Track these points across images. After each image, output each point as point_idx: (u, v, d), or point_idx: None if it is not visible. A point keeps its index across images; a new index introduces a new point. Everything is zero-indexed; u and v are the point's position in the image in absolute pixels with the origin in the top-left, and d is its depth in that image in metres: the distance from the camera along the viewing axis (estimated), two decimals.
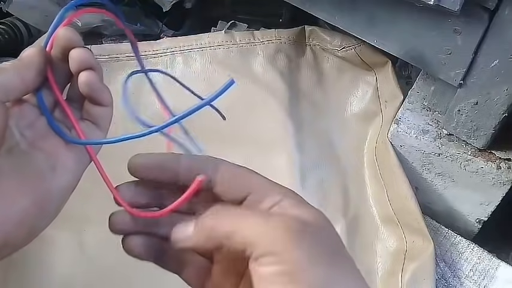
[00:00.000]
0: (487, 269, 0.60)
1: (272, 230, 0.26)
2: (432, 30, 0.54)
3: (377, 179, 0.69)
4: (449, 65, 0.55)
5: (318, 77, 0.77)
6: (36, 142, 0.31)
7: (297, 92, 0.75)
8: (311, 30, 0.77)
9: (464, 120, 0.58)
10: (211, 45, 0.75)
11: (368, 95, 0.75)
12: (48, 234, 0.61)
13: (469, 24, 0.51)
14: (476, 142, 0.59)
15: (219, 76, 0.74)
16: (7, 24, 0.82)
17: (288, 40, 0.77)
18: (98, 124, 0.34)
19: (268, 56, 0.75)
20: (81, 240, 0.61)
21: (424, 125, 0.64)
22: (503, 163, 0.59)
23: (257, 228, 0.27)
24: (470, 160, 0.61)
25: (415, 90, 0.67)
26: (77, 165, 0.34)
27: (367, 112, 0.74)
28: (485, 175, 0.61)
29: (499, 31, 0.49)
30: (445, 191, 0.67)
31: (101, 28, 0.86)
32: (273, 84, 0.73)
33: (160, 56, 0.75)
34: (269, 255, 0.26)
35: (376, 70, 0.75)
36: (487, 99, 0.55)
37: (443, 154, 0.63)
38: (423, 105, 0.65)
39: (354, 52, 0.74)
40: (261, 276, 0.26)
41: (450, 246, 0.63)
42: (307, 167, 0.67)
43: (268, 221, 0.27)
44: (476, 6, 0.49)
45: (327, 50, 0.76)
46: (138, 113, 0.32)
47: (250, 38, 0.76)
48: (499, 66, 0.51)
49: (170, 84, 0.75)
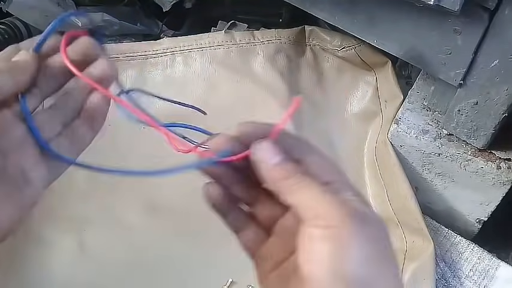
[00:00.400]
0: (487, 269, 0.60)
1: (339, 206, 0.28)
2: (432, 30, 0.54)
3: (377, 179, 0.69)
4: (449, 65, 0.55)
5: (318, 77, 0.77)
6: (9, 152, 0.31)
7: (297, 92, 0.74)
8: (311, 30, 0.77)
9: (464, 120, 0.58)
10: (211, 45, 0.75)
11: (368, 95, 0.75)
12: (48, 236, 0.61)
13: (469, 24, 0.51)
14: (476, 142, 0.59)
15: (218, 76, 0.74)
16: (7, 24, 0.82)
17: (288, 40, 0.77)
18: (92, 125, 0.35)
19: (268, 56, 0.75)
20: (81, 240, 0.61)
21: (424, 125, 0.64)
22: (503, 163, 0.59)
23: (323, 200, 0.28)
24: (470, 160, 0.61)
25: (415, 90, 0.67)
26: (50, 176, 0.34)
27: (367, 112, 0.74)
28: (485, 175, 0.61)
29: (499, 31, 0.49)
30: (445, 191, 0.67)
31: (101, 28, 0.86)
32: (273, 84, 0.73)
33: (160, 56, 0.75)
34: (326, 226, 0.27)
35: (376, 70, 0.75)
36: (487, 99, 0.55)
37: (443, 154, 0.63)
38: (423, 105, 0.65)
39: (353, 52, 0.74)
40: (308, 233, 0.27)
41: (450, 246, 0.63)
42: None
43: (337, 198, 0.28)
44: (476, 6, 0.49)
45: (327, 50, 0.76)
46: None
47: (250, 38, 0.76)
48: (499, 66, 0.51)
49: (170, 84, 0.75)
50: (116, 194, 0.64)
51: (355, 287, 0.26)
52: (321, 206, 0.28)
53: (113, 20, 0.85)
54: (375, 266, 0.27)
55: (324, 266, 0.26)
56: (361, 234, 0.27)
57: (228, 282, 0.59)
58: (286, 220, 0.33)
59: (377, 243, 0.28)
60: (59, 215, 0.63)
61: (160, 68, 0.75)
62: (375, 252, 0.27)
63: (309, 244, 0.27)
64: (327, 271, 0.26)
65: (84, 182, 0.66)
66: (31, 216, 0.62)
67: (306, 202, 0.28)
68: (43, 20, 0.82)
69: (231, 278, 0.59)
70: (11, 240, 0.60)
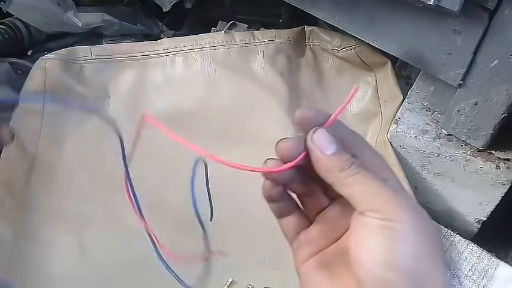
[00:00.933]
0: (487, 268, 0.60)
1: (398, 201, 0.28)
2: (432, 30, 0.54)
3: None
4: (449, 65, 0.55)
5: (317, 77, 0.77)
6: None
7: (297, 92, 0.75)
8: (311, 30, 0.77)
9: (464, 120, 0.58)
10: (211, 45, 0.75)
11: (368, 95, 0.75)
12: (48, 236, 0.61)
13: (468, 24, 0.51)
14: (475, 142, 0.59)
15: (219, 76, 0.74)
16: (7, 24, 0.82)
17: (288, 40, 0.77)
18: None
19: (268, 56, 0.75)
20: (81, 240, 0.61)
21: (423, 125, 0.65)
22: (502, 163, 0.59)
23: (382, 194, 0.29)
24: (469, 160, 0.61)
25: (415, 91, 0.67)
26: None
27: (366, 112, 0.74)
28: (484, 175, 0.61)
29: (498, 31, 0.49)
30: (445, 191, 0.67)
31: (101, 28, 0.86)
32: (273, 84, 0.73)
33: (160, 56, 0.75)
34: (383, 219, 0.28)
35: (375, 70, 0.75)
36: (487, 100, 0.55)
37: (443, 154, 0.63)
38: (423, 106, 0.65)
39: (353, 52, 0.74)
40: (364, 223, 0.28)
41: (449, 246, 0.63)
42: None
43: (395, 193, 0.29)
44: (476, 6, 0.49)
45: (327, 50, 0.76)
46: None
47: (250, 38, 0.76)
48: (499, 66, 0.51)
49: (170, 84, 0.75)
50: (116, 194, 0.64)
51: (406, 280, 0.27)
52: (380, 199, 0.28)
53: (113, 20, 0.85)
54: (426, 261, 0.28)
55: (377, 256, 0.27)
56: (416, 230, 0.28)
57: (228, 282, 0.59)
58: (330, 210, 0.34)
59: (429, 241, 0.28)
60: (59, 215, 0.63)
61: (160, 68, 0.75)
62: (427, 248, 0.28)
63: (363, 233, 0.28)
64: (380, 262, 0.27)
65: (84, 182, 0.66)
66: (31, 216, 0.63)
67: (363, 194, 0.29)
68: (43, 20, 0.82)
69: (231, 278, 0.59)
70: (11, 240, 0.60)
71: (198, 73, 0.74)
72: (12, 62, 0.80)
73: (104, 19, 0.85)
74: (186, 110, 0.73)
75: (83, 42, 0.84)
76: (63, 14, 0.82)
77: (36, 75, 0.71)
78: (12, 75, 0.78)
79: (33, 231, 0.61)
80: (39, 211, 0.63)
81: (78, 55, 0.74)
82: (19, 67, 0.81)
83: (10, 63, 0.79)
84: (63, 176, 0.66)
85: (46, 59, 0.71)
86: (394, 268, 0.27)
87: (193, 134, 0.72)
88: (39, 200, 0.63)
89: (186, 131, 0.73)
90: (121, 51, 0.75)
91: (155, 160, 0.67)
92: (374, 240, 0.27)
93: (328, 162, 0.30)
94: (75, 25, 0.83)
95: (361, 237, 0.28)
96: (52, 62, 0.71)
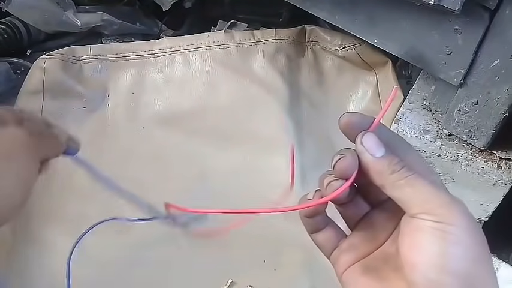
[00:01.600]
0: None
1: (451, 204, 0.28)
2: (433, 29, 0.54)
3: None
4: (450, 64, 0.55)
5: (318, 77, 0.77)
6: None
7: (297, 92, 0.74)
8: (311, 29, 0.77)
9: (465, 120, 0.58)
10: (211, 44, 0.75)
11: (368, 94, 0.75)
12: (48, 236, 0.61)
13: (469, 23, 0.51)
14: (476, 142, 0.59)
15: (218, 76, 0.74)
16: (6, 24, 0.82)
17: (288, 40, 0.77)
18: None
19: (268, 56, 0.75)
20: (81, 241, 0.61)
21: (424, 124, 0.64)
22: (503, 163, 0.59)
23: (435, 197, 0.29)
24: (470, 160, 0.61)
25: (416, 90, 0.67)
26: None
27: (367, 112, 0.74)
28: (485, 175, 0.61)
29: (499, 31, 0.49)
30: None
31: (100, 28, 0.86)
32: (273, 84, 0.73)
33: (160, 55, 0.75)
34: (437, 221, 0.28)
35: (376, 70, 0.75)
36: (488, 99, 0.54)
37: (444, 154, 0.63)
38: (424, 105, 0.65)
39: (354, 52, 0.74)
40: (417, 226, 0.28)
41: None
42: (307, 166, 0.67)
43: (449, 196, 0.29)
44: (476, 5, 0.49)
45: (327, 49, 0.76)
46: None
47: (250, 37, 0.76)
48: (500, 65, 0.51)
49: (169, 83, 0.75)
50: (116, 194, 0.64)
51: (460, 284, 0.27)
52: (434, 202, 0.28)
53: (113, 19, 0.85)
54: (480, 266, 0.28)
55: (432, 259, 0.27)
56: (471, 234, 0.28)
57: (228, 282, 0.58)
58: (372, 216, 0.34)
59: (483, 246, 0.28)
60: (58, 216, 0.63)
61: (159, 67, 0.75)
62: (480, 252, 0.28)
63: (417, 236, 0.28)
64: (435, 265, 0.27)
65: (84, 182, 0.66)
66: (31, 217, 0.62)
67: (416, 197, 0.29)
68: (42, 20, 0.82)
69: (231, 278, 0.59)
70: (11, 240, 0.60)
71: (197, 72, 0.74)
72: (11, 62, 0.80)
73: (103, 18, 0.84)
74: (186, 110, 0.73)
75: (82, 42, 0.84)
76: (63, 13, 0.82)
77: (35, 75, 0.71)
78: (12, 75, 0.78)
79: (33, 231, 0.61)
80: (39, 211, 0.63)
81: (78, 54, 0.73)
82: (18, 67, 0.81)
83: (9, 62, 0.79)
84: (63, 176, 0.66)
85: (45, 59, 0.71)
86: (449, 271, 0.27)
87: (192, 133, 0.72)
88: (39, 200, 0.63)
89: (185, 131, 0.74)
90: (120, 51, 0.75)
91: (155, 160, 0.67)
92: (429, 243, 0.27)
93: (379, 165, 0.30)
94: (75, 24, 0.83)
95: (415, 241, 0.28)
96: (51, 62, 0.71)
